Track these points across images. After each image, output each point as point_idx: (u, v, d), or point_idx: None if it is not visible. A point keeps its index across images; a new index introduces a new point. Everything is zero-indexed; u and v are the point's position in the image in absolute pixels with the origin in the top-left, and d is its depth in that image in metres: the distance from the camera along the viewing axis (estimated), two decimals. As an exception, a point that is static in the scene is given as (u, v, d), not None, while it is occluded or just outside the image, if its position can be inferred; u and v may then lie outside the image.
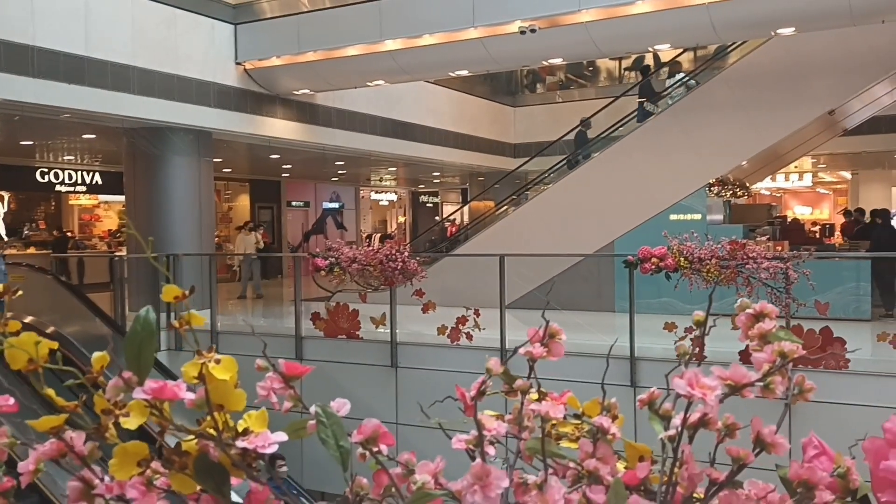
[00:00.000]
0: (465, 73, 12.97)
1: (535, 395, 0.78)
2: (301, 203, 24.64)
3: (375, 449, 0.77)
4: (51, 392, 0.67)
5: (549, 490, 0.59)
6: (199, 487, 0.68)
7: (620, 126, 13.42)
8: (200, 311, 10.92)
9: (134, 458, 0.66)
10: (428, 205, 30.13)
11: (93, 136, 13.49)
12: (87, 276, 15.76)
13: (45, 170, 18.31)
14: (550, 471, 0.63)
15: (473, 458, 0.76)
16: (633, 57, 16.58)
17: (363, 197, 27.57)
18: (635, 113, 13.34)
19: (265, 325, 11.71)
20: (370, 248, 9.34)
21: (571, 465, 0.70)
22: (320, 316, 9.49)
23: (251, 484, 0.68)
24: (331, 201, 25.70)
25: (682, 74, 13.59)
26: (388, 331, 9.10)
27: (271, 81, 12.36)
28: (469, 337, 8.73)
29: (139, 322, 0.64)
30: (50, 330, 10.05)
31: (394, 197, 29.55)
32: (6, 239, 18.07)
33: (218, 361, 0.68)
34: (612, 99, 14.83)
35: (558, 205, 12.49)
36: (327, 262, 9.24)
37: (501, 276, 8.60)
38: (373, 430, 0.77)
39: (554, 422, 0.69)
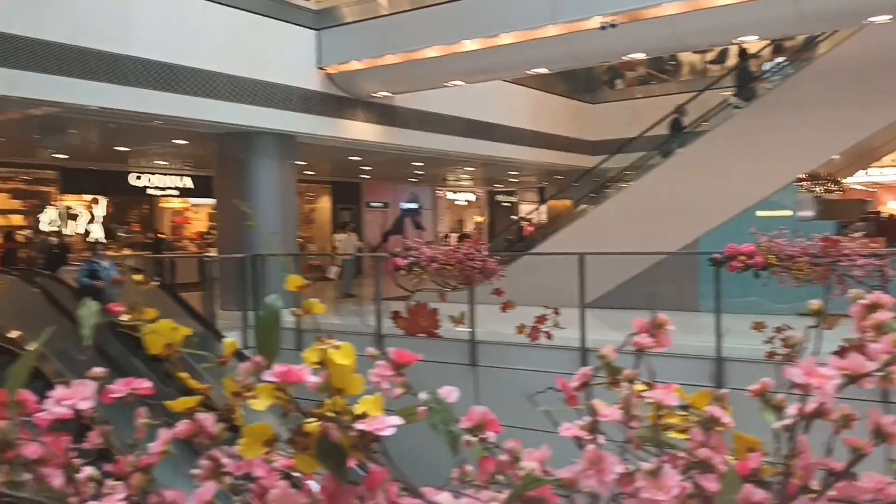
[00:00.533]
0: (543, 70, 12.89)
1: (641, 386, 0.79)
2: (380, 204, 25.00)
3: (483, 436, 0.79)
4: (185, 375, 0.72)
5: (664, 477, 0.60)
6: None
7: (713, 116, 13.07)
8: (285, 309, 11.27)
9: (261, 438, 0.70)
10: (505, 204, 30.07)
11: (184, 141, 14.05)
12: (179, 277, 16.40)
13: (139, 174, 19.19)
14: (662, 458, 0.63)
15: (581, 447, 0.78)
16: (718, 49, 16.13)
17: (440, 197, 27.75)
18: (724, 104, 12.96)
19: (345, 325, 11.94)
20: (449, 248, 9.39)
21: (681, 454, 0.71)
22: (401, 314, 9.61)
23: (369, 465, 0.71)
24: (409, 202, 25.99)
25: (780, 60, 13.11)
26: (468, 329, 9.14)
27: (352, 85, 12.59)
28: (549, 336, 8.68)
29: (267, 309, 0.68)
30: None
31: (471, 197, 29.62)
32: (105, 241, 19.01)
33: (338, 348, 0.71)
34: (697, 92, 14.46)
35: (639, 202, 12.27)
36: (407, 261, 9.34)
37: (581, 274, 8.51)
38: (481, 418, 0.80)
39: (662, 412, 0.69)
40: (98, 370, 0.70)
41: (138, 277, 0.75)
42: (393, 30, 11.79)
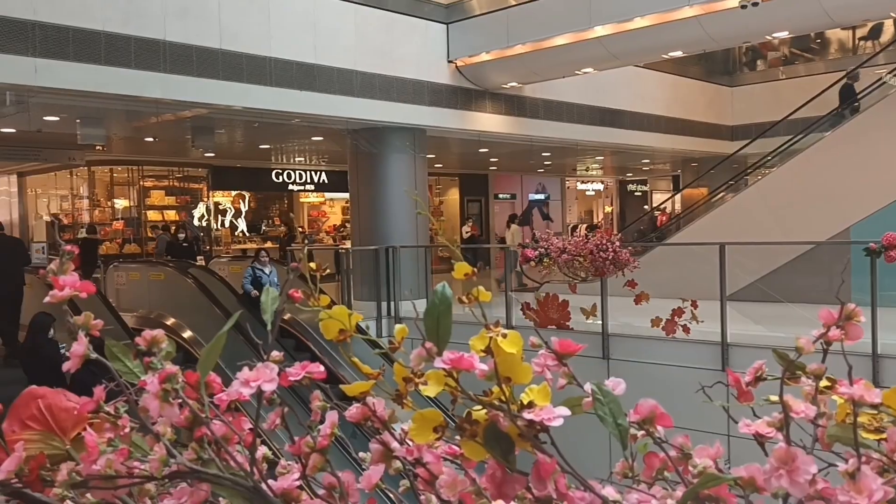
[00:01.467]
0: (678, 54, 12.42)
1: (825, 382, 0.74)
2: (507, 195, 25.01)
3: (652, 429, 0.77)
4: (356, 360, 0.74)
5: (864, 479, 0.56)
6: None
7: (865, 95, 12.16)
8: (417, 300, 11.43)
9: (430, 423, 0.71)
10: (636, 193, 29.30)
11: (320, 138, 14.62)
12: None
13: (279, 171, 20.15)
14: (860, 459, 0.59)
15: (761, 445, 0.74)
16: (870, 25, 14.95)
17: (569, 187, 27.40)
18: (878, 83, 12.03)
19: (472, 315, 12.01)
20: (580, 239, 9.24)
21: (875, 455, 0.65)
22: (530, 306, 9.58)
23: (538, 455, 0.70)
24: (537, 193, 25.83)
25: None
26: (600, 322, 8.98)
27: (481, 77, 12.63)
28: (686, 330, 8.39)
29: (437, 296, 0.69)
30: (287, 317, 11.08)
31: (600, 186, 29.06)
32: (247, 234, 20.13)
33: (505, 336, 0.71)
34: (852, 69, 13.46)
35: (785, 189, 11.59)
36: (536, 252, 9.28)
37: (722, 266, 8.15)
38: (650, 411, 0.77)
39: (856, 410, 0.64)
40: (276, 354, 0.73)
41: (313, 265, 0.78)
42: (522, 19, 11.71)
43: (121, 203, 18.52)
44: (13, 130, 13.05)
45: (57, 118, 11.77)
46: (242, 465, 0.76)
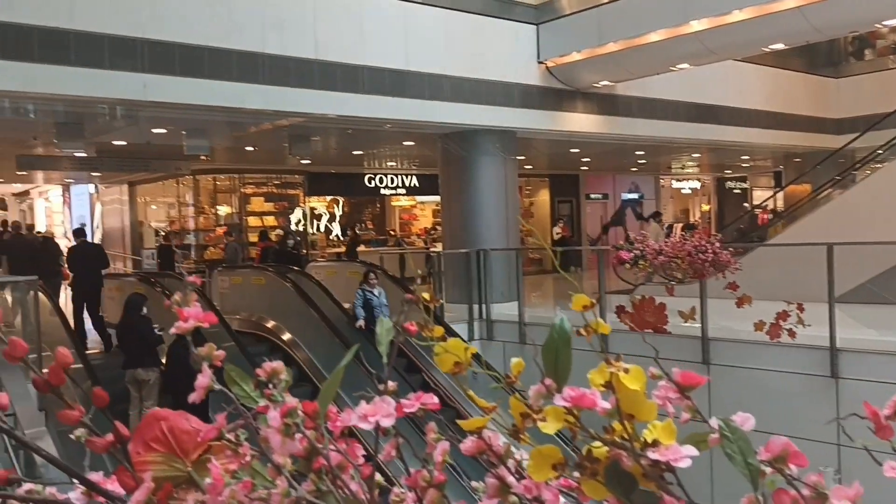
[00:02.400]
0: (779, 47, 11.90)
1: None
2: (599, 195, 24.60)
3: (785, 469, 0.72)
4: (472, 393, 0.72)
5: None
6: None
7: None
8: (508, 303, 11.35)
9: (549, 460, 0.69)
10: (735, 191, 28.27)
11: (412, 143, 14.79)
12: (407, 270, 17.28)
13: (371, 175, 20.52)
14: None
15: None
16: None
17: (663, 186, 26.70)
18: None
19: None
20: (677, 240, 8.98)
21: None
22: (625, 309, 9.38)
23: (665, 497, 0.67)
24: (630, 192, 25.29)
25: None
26: (699, 325, 8.70)
27: (572, 76, 12.48)
28: (791, 334, 8.02)
29: (555, 330, 0.67)
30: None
31: (696, 184, 28.19)
32: (341, 238, 20.57)
33: (627, 371, 0.68)
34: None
35: (897, 185, 10.92)
36: (632, 254, 9.08)
37: (830, 267, 7.75)
38: (782, 449, 0.73)
39: None
40: (391, 384, 0.73)
41: (427, 295, 0.77)
42: (613, 17, 11.49)
43: (223, 210, 19.29)
44: (124, 143, 13.80)
45: (164, 130, 12.37)
46: (357, 494, 0.76)
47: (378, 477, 0.80)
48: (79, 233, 11.13)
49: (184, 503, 0.71)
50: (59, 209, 24.74)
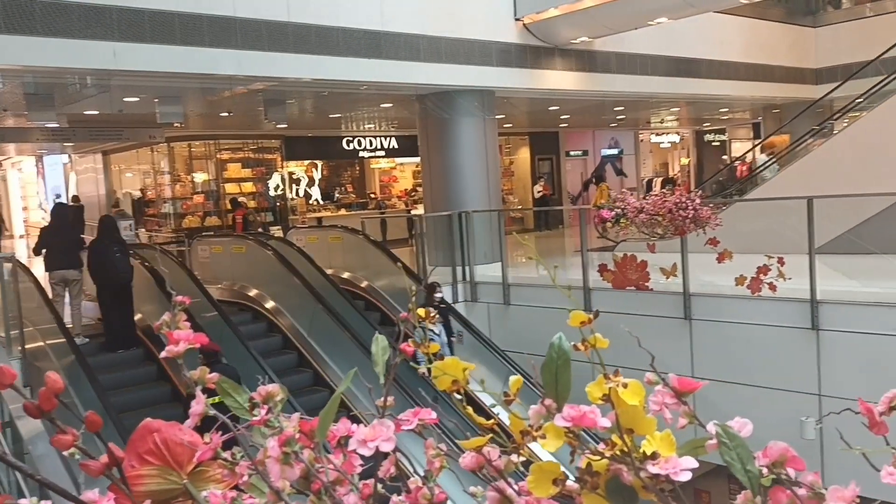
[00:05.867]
0: (757, -3, 11.83)
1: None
2: (579, 152, 24.57)
3: (783, 473, 0.73)
4: (470, 410, 0.72)
5: None
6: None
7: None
8: (490, 264, 11.31)
9: (549, 475, 0.69)
10: (714, 143, 28.32)
11: (389, 104, 14.62)
12: (389, 234, 17.25)
13: (350, 138, 20.32)
14: None
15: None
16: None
17: (643, 140, 26.69)
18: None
19: (544, 279, 11.94)
20: (657, 197, 8.98)
21: None
22: (607, 267, 9.43)
23: (666, 509, 0.67)
24: (609, 148, 25.27)
25: None
26: (680, 282, 8.77)
27: (549, 33, 12.33)
28: (772, 287, 8.12)
29: (554, 349, 0.66)
30: (364, 284, 11.25)
31: (676, 138, 28.19)
32: (321, 202, 20.44)
33: (625, 385, 0.68)
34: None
35: (876, 133, 10.98)
36: (613, 213, 9.09)
37: (810, 221, 7.82)
38: (780, 454, 0.73)
39: None
40: (389, 399, 0.72)
41: (422, 312, 0.76)
42: (591, -29, 11.33)
43: (200, 177, 19.06)
44: (96, 112, 13.53)
45: (136, 98, 12.12)
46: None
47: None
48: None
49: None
50: (32, 180, 24.34)
